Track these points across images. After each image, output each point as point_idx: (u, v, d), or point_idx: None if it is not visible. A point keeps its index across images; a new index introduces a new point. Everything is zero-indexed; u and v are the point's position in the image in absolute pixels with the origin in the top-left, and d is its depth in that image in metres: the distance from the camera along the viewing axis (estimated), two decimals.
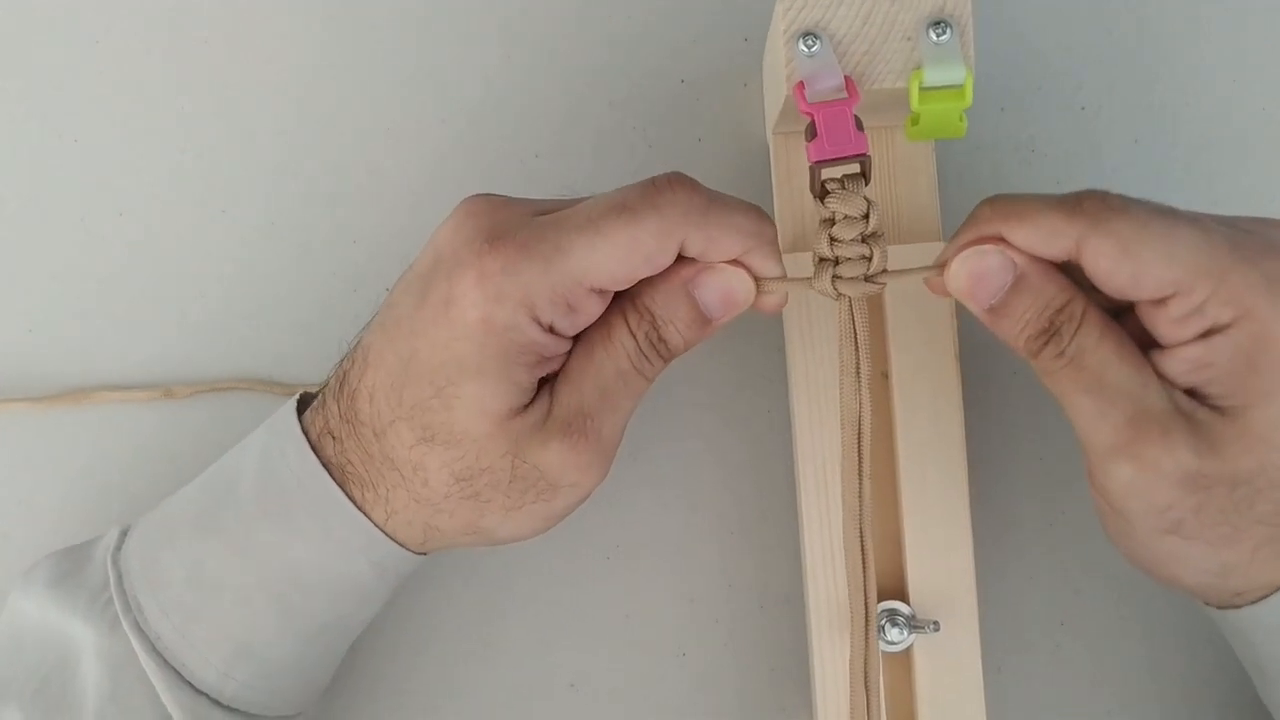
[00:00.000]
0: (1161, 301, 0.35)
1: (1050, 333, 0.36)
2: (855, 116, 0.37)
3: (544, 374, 0.37)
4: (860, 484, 0.38)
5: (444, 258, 0.36)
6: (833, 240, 0.37)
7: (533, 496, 0.38)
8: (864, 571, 0.39)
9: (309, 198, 0.49)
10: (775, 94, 0.42)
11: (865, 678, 0.39)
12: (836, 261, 0.38)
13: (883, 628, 0.43)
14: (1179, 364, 0.35)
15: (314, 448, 0.39)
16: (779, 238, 0.44)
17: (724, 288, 0.38)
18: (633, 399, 0.38)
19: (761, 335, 0.48)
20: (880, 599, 0.44)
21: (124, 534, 0.41)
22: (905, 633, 0.43)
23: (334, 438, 0.39)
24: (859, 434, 0.38)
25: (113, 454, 0.48)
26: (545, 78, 0.49)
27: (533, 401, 0.37)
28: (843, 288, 0.38)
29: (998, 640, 0.47)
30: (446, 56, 0.49)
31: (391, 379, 0.37)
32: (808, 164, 0.37)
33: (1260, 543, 0.35)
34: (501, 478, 0.37)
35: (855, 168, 0.37)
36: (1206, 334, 0.34)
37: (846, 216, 0.37)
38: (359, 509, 0.38)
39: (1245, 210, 0.48)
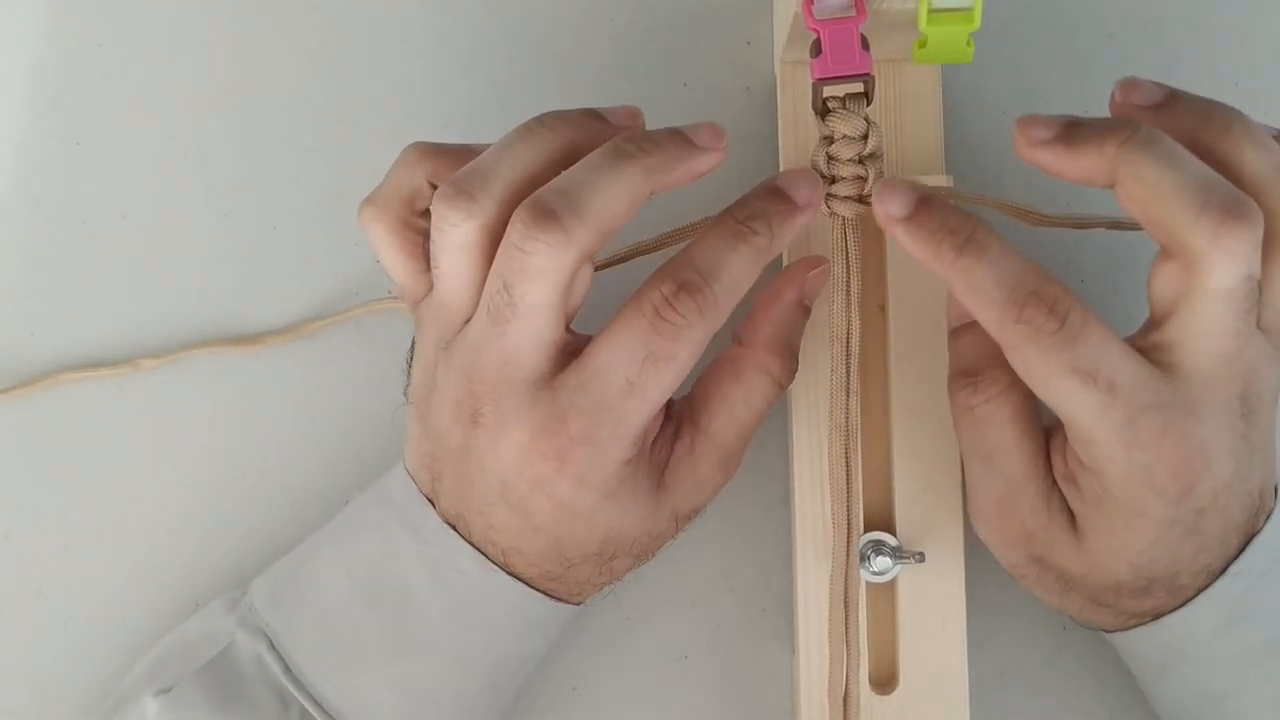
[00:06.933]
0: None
1: (971, 377, 0.38)
2: (862, 35, 0.36)
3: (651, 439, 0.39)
4: (848, 401, 0.39)
5: (514, 476, 0.37)
6: (830, 159, 0.38)
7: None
8: (848, 488, 0.39)
9: (310, 201, 0.49)
10: (784, 16, 0.42)
11: (845, 594, 0.39)
12: (833, 180, 0.38)
13: (868, 556, 0.43)
14: (1055, 465, 0.38)
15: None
16: (781, 167, 0.44)
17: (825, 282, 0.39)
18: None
19: None
20: (867, 529, 0.44)
21: (271, 648, 0.40)
22: (890, 562, 0.43)
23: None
24: (847, 351, 0.38)
25: (88, 434, 0.48)
26: (546, 81, 0.49)
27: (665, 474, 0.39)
28: (836, 207, 0.38)
29: (982, 575, 0.46)
30: (448, 59, 0.49)
31: (544, 554, 0.39)
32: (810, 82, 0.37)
33: (1084, 605, 0.40)
34: (669, 537, 0.41)
35: (858, 87, 0.37)
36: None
37: (845, 136, 0.37)
38: (551, 598, 0.40)
39: None
